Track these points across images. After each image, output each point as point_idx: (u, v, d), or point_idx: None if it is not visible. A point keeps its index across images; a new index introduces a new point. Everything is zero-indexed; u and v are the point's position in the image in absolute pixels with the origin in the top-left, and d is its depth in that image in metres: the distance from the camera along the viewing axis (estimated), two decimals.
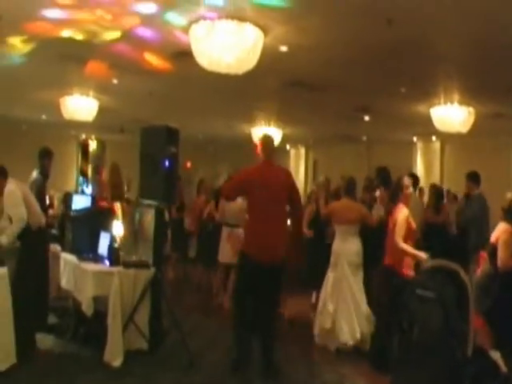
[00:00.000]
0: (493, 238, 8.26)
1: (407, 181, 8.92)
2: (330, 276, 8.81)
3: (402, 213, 7.77)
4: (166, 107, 16.17)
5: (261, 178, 7.24)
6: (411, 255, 7.57)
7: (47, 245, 7.79)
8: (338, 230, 8.95)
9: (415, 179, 10.93)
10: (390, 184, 9.07)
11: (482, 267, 8.47)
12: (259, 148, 7.53)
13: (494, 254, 7.91)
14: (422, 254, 7.43)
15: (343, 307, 8.55)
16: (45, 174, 9.30)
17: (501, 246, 7.69)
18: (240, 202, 9.67)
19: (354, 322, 8.42)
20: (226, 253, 10.92)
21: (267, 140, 7.71)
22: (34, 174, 9.24)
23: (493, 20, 8.07)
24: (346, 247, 8.76)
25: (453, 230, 11.16)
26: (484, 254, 8.63)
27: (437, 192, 11.45)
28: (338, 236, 8.92)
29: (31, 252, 7.35)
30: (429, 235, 9.78)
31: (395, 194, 8.17)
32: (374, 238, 8.55)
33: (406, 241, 7.62)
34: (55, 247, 8.72)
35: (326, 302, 8.73)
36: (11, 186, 7.33)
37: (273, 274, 7.15)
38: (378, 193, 9.53)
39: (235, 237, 10.59)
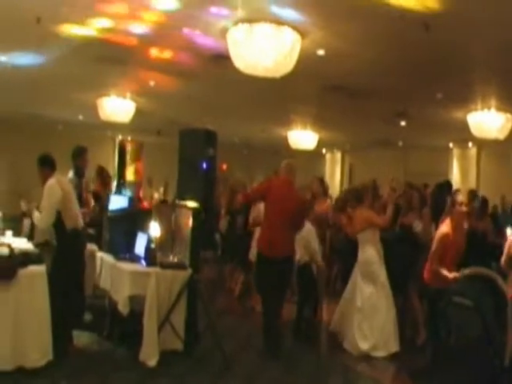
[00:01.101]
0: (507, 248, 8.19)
1: (460, 197, 8.72)
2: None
3: (440, 230, 7.71)
4: (202, 110, 16.23)
5: (280, 192, 8.30)
6: (444, 277, 7.49)
7: (82, 246, 7.79)
8: None
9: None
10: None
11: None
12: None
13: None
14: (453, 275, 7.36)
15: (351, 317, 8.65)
16: (80, 174, 9.30)
17: None
18: None
19: (355, 333, 8.49)
20: None
21: (292, 165, 8.59)
22: (70, 174, 9.27)
23: None
24: (359, 256, 8.83)
25: (492, 237, 11.00)
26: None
27: (482, 200, 11.36)
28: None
29: (65, 252, 7.37)
30: (470, 242, 9.69)
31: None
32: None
33: (444, 258, 7.55)
34: (92, 247, 8.79)
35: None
36: (53, 181, 7.35)
37: (280, 267, 8.06)
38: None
39: None
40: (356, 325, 8.50)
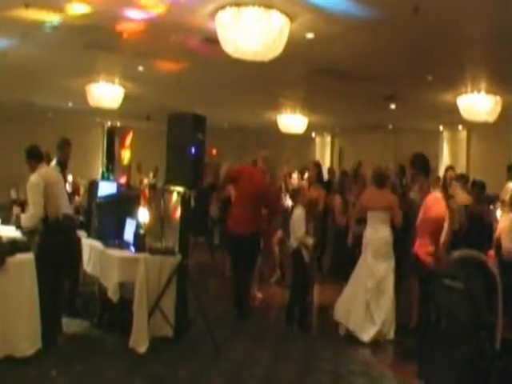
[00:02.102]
0: (497, 233, 8.18)
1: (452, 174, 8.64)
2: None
3: (436, 212, 7.64)
4: (191, 95, 16.13)
5: (249, 177, 9.48)
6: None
7: (67, 235, 7.69)
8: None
9: None
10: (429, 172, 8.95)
11: None
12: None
13: (498, 249, 7.83)
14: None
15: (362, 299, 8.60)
16: (62, 164, 9.28)
17: (504, 234, 7.58)
18: None
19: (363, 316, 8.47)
20: None
21: (268, 157, 9.86)
22: (53, 163, 9.25)
23: None
24: (372, 235, 8.77)
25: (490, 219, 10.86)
26: (492, 253, 8.52)
27: (479, 183, 11.24)
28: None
29: (48, 241, 7.33)
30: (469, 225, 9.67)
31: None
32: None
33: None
34: (81, 234, 8.75)
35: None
36: (34, 176, 7.33)
37: (242, 241, 9.16)
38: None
39: None
40: (364, 307, 8.49)
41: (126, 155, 23.48)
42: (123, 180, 17.38)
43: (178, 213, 7.96)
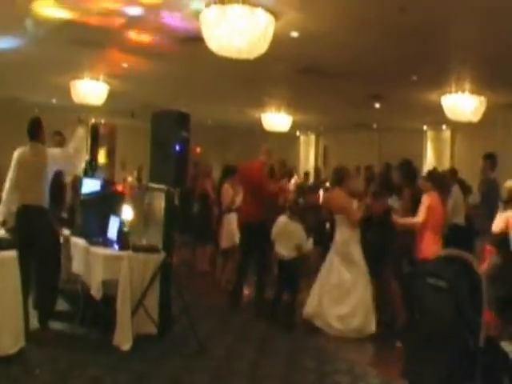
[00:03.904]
0: (496, 228, 8.21)
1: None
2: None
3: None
4: (176, 92, 16.13)
5: (246, 170, 10.38)
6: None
7: (29, 224, 7.45)
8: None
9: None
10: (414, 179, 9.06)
11: (488, 260, 8.38)
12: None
13: (502, 244, 7.85)
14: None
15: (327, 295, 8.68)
16: None
17: None
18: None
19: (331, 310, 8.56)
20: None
21: (269, 150, 10.12)
22: None
23: (507, 7, 7.99)
24: (336, 236, 8.87)
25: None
26: (489, 247, 8.54)
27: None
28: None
29: (14, 230, 7.35)
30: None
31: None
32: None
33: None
34: (65, 231, 8.71)
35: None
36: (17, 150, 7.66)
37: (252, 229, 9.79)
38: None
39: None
40: (332, 302, 8.53)
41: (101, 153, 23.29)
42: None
43: (162, 210, 7.95)
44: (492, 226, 8.50)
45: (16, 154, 7.61)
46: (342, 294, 8.53)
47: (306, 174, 20.34)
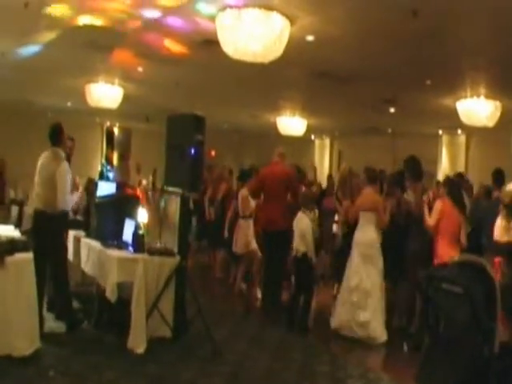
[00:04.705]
0: (504, 238, 8.14)
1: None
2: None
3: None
4: (191, 96, 16.14)
5: (270, 171, 9.90)
6: None
7: (40, 229, 7.68)
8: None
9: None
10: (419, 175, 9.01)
11: (499, 272, 8.31)
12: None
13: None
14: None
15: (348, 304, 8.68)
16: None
17: None
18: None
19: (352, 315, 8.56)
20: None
21: (283, 153, 9.96)
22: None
23: None
24: (359, 236, 8.85)
25: None
26: (497, 259, 8.47)
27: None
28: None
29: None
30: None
31: None
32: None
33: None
34: (79, 233, 8.75)
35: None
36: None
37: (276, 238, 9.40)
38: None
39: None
40: (353, 307, 8.52)
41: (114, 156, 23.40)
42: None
43: (177, 214, 7.96)
44: (494, 235, 8.44)
45: (40, 158, 7.70)
46: (360, 298, 8.51)
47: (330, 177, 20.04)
